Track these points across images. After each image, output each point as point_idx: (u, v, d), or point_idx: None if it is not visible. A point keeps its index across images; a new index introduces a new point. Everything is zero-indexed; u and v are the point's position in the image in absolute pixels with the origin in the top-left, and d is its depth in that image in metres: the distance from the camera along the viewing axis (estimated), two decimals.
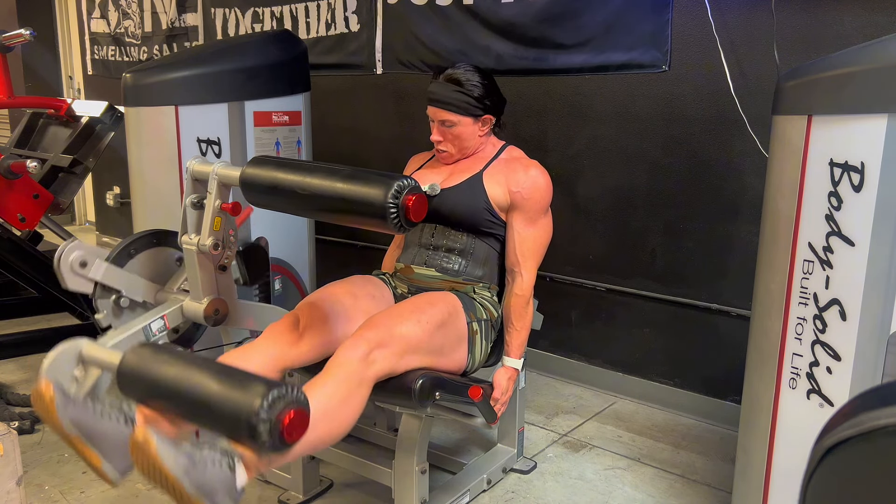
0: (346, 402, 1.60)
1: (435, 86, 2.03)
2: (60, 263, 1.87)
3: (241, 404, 1.27)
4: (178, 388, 1.37)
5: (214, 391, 1.32)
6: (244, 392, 1.29)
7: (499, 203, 2.00)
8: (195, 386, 1.35)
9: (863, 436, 0.59)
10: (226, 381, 1.34)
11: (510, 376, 1.97)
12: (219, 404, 1.31)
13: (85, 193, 5.97)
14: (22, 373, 3.06)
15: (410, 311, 1.79)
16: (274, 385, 1.29)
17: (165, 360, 1.42)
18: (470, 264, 2.03)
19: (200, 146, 2.31)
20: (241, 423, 1.27)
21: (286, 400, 1.28)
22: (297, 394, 1.31)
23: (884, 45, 1.44)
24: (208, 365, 1.41)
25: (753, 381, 1.69)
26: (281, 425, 1.27)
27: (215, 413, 1.32)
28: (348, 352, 1.66)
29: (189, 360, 1.43)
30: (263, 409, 1.25)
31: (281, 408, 1.27)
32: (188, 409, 1.37)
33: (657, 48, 2.60)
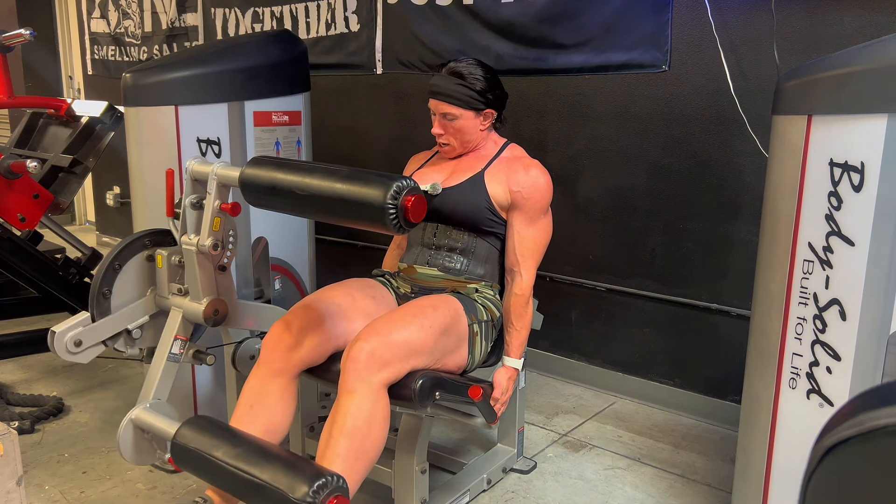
0: (369, 429, 1.66)
1: (437, 78, 2.02)
2: (59, 354, 1.87)
3: (287, 498, 1.44)
4: (228, 475, 1.55)
5: (261, 481, 1.49)
6: (289, 484, 1.46)
7: (500, 202, 2.00)
8: (243, 476, 1.53)
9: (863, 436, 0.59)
10: (271, 470, 1.50)
11: (510, 376, 1.97)
12: (266, 494, 1.48)
13: (85, 193, 5.98)
14: (22, 373, 3.06)
15: (413, 316, 1.79)
16: (317, 475, 1.46)
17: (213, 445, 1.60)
18: (472, 263, 2.03)
19: (200, 146, 2.31)
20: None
21: (328, 489, 1.45)
22: (337, 481, 1.48)
23: (884, 45, 1.44)
24: (251, 449, 1.58)
25: (753, 381, 1.69)
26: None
27: (265, 497, 1.49)
28: (351, 374, 1.68)
29: (234, 443, 1.60)
30: (309, 496, 1.43)
31: (325, 496, 1.44)
32: (239, 494, 1.56)
33: (657, 48, 2.61)
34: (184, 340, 1.93)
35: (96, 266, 2.98)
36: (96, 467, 2.32)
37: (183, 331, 1.93)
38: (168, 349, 1.91)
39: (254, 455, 1.55)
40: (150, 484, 2.23)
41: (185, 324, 1.93)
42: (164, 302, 1.97)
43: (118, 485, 2.23)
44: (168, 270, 1.95)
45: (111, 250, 1.97)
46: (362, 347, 1.69)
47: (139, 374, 3.03)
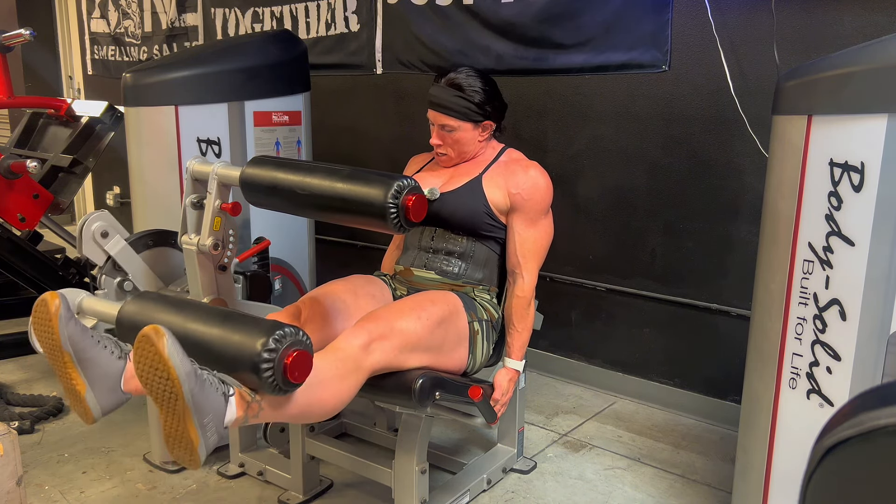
0: (340, 378, 1.59)
1: (436, 89, 2.03)
2: (83, 228, 1.89)
3: (248, 339, 1.30)
4: (184, 327, 1.38)
5: (222, 329, 1.34)
6: (251, 329, 1.32)
7: (498, 206, 2.00)
8: (201, 325, 1.37)
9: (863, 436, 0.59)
10: (232, 320, 1.36)
11: (511, 377, 1.97)
12: (226, 340, 1.33)
13: (85, 193, 5.97)
14: (22, 373, 3.06)
15: (411, 308, 1.80)
16: (281, 324, 1.32)
17: (168, 304, 1.44)
18: (470, 267, 2.03)
19: (200, 146, 2.31)
20: (247, 357, 1.29)
21: (292, 339, 1.32)
22: (303, 336, 1.34)
23: (884, 45, 1.44)
24: (212, 308, 1.44)
25: (753, 381, 1.69)
26: (285, 362, 1.30)
27: (222, 348, 1.34)
28: (349, 338, 1.66)
29: (192, 303, 1.45)
30: (269, 343, 1.29)
31: (287, 344, 1.31)
32: (193, 346, 1.36)
33: (657, 48, 2.60)
34: None
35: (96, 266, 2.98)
36: (96, 467, 2.32)
37: None
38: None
39: (205, 315, 1.40)
40: (150, 484, 2.23)
41: None
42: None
43: (118, 485, 2.23)
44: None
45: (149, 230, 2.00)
46: (365, 326, 1.70)
47: None
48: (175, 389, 1.25)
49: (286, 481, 2.18)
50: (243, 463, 2.29)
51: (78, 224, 1.92)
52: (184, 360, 1.27)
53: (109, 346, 1.44)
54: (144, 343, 1.26)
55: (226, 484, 2.24)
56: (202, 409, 1.29)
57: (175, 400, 1.26)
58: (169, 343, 1.25)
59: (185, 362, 1.26)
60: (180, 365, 1.25)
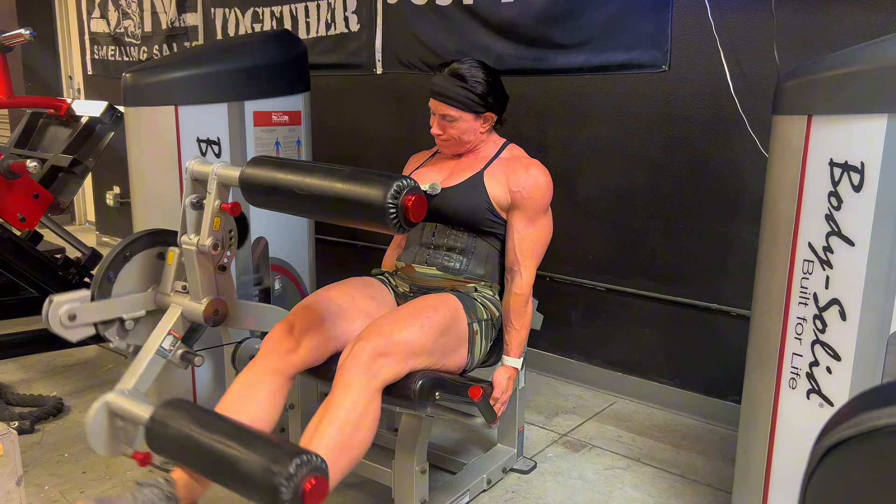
0: (359, 425, 1.64)
1: (438, 78, 2.02)
2: (51, 324, 1.85)
3: (267, 470, 1.37)
4: (206, 450, 1.46)
5: (241, 455, 1.42)
6: (269, 457, 1.38)
7: (499, 202, 2.00)
8: (222, 450, 1.45)
9: (863, 436, 0.59)
10: (252, 446, 1.43)
11: (510, 376, 1.97)
12: (244, 468, 1.41)
13: (85, 193, 5.98)
14: (22, 373, 3.06)
15: (413, 316, 1.79)
16: (298, 452, 1.39)
17: (192, 423, 1.52)
18: (471, 263, 2.03)
19: (200, 146, 2.31)
20: (265, 488, 1.36)
21: (309, 467, 1.38)
22: (319, 462, 1.41)
23: (884, 45, 1.44)
24: (233, 428, 1.51)
25: (753, 381, 1.69)
26: (303, 492, 1.36)
27: (241, 477, 1.41)
28: (351, 370, 1.67)
29: (215, 422, 1.53)
30: (287, 475, 1.35)
31: (303, 475, 1.37)
32: (215, 471, 1.47)
33: (657, 48, 2.61)
34: (176, 338, 1.92)
35: (96, 266, 2.98)
36: (96, 467, 2.32)
37: (179, 328, 1.92)
38: (159, 342, 1.89)
39: (233, 433, 1.48)
40: None
41: (183, 321, 1.93)
42: (165, 300, 1.97)
43: (118, 485, 2.22)
44: (176, 268, 1.95)
45: (124, 239, 1.98)
46: (364, 347, 1.69)
47: None
48: None
49: None
50: None
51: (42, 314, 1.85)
52: None
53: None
54: None
55: None
56: None
57: None
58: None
59: None
60: None
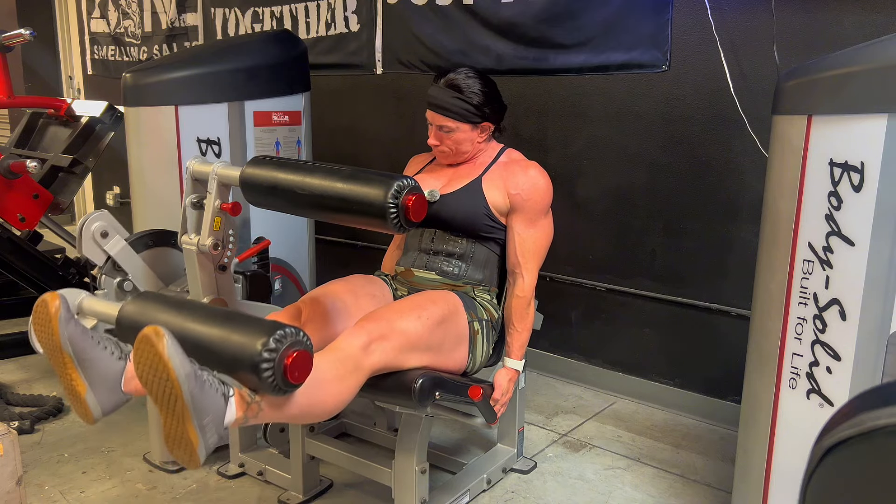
0: (340, 379, 1.59)
1: (435, 90, 2.02)
2: (83, 228, 1.88)
3: (248, 339, 1.30)
4: (183, 327, 1.37)
5: (222, 329, 1.34)
6: (252, 329, 1.32)
7: (498, 208, 2.00)
8: (201, 325, 1.37)
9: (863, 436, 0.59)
10: (232, 321, 1.36)
11: (511, 377, 1.97)
12: (225, 340, 1.33)
13: (85, 193, 5.97)
14: (22, 373, 3.06)
15: (411, 308, 1.80)
16: (281, 325, 1.32)
17: (168, 305, 1.44)
18: (470, 268, 2.03)
19: (200, 146, 2.31)
20: (247, 358, 1.29)
21: (292, 339, 1.31)
22: (303, 337, 1.34)
23: (884, 45, 1.44)
24: (212, 308, 1.44)
25: (753, 381, 1.69)
26: (285, 363, 1.30)
27: (222, 348, 1.34)
28: (349, 338, 1.66)
29: (193, 304, 1.45)
30: (270, 343, 1.28)
31: (287, 345, 1.30)
32: (193, 346, 1.35)
33: (657, 48, 2.60)
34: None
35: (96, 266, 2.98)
36: (96, 467, 2.32)
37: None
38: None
39: (206, 315, 1.40)
40: (150, 484, 2.23)
41: None
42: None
43: (118, 485, 2.23)
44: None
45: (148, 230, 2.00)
46: (365, 326, 1.70)
47: None
48: (175, 391, 1.25)
49: (286, 481, 2.18)
50: (243, 463, 2.29)
51: (78, 224, 1.91)
52: (183, 362, 1.27)
53: (110, 347, 1.44)
54: (144, 344, 1.25)
55: (226, 484, 2.24)
56: (202, 410, 1.29)
57: (175, 401, 1.26)
58: (169, 344, 1.25)
59: (184, 363, 1.26)
60: (180, 366, 1.25)
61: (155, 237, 2.01)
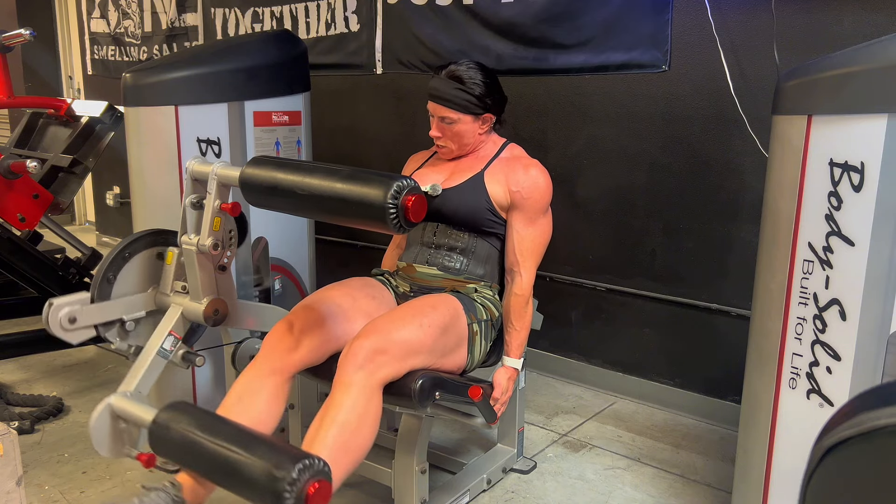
0: (360, 425, 1.64)
1: (436, 81, 2.02)
2: (52, 328, 1.86)
3: (270, 475, 1.38)
4: (209, 455, 1.47)
5: (244, 460, 1.43)
6: (272, 462, 1.39)
7: (499, 202, 2.00)
8: (225, 454, 1.46)
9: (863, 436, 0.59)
10: (255, 450, 1.44)
11: (510, 376, 1.97)
12: (248, 473, 1.42)
13: (85, 193, 5.98)
14: (22, 373, 3.06)
15: (412, 315, 1.79)
16: (301, 457, 1.39)
17: (194, 426, 1.53)
18: (472, 263, 2.03)
19: (200, 146, 2.31)
20: (269, 493, 1.37)
21: (311, 471, 1.39)
22: (321, 465, 1.42)
23: (884, 45, 1.44)
24: (235, 431, 1.52)
25: (753, 381, 1.69)
26: (306, 496, 1.37)
27: (245, 481, 1.42)
28: (349, 369, 1.67)
29: (217, 425, 1.54)
30: (290, 480, 1.36)
31: (306, 479, 1.38)
32: (219, 476, 1.48)
33: (657, 48, 2.61)
34: (177, 338, 1.92)
35: (96, 266, 2.98)
36: (96, 467, 2.32)
37: (179, 328, 1.93)
38: (160, 343, 1.90)
39: (237, 436, 1.48)
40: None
41: (183, 322, 1.93)
42: (165, 300, 1.97)
43: (118, 485, 2.23)
44: (176, 268, 1.95)
45: (124, 239, 1.98)
46: (362, 345, 1.68)
47: None
48: None
49: None
50: None
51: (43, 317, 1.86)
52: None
53: None
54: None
55: None
56: None
57: None
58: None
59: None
60: None
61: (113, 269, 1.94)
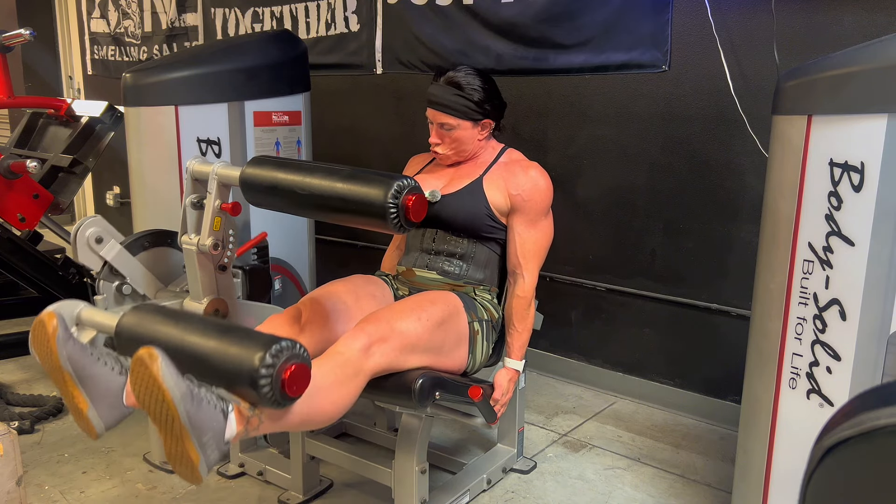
0: (340, 384, 1.59)
1: (435, 88, 2.02)
2: (77, 235, 1.88)
3: (245, 354, 1.30)
4: (181, 341, 1.37)
5: (219, 343, 1.34)
6: (248, 343, 1.31)
7: (499, 208, 2.00)
8: (198, 339, 1.36)
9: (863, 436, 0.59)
10: (229, 334, 1.36)
11: (511, 377, 1.97)
12: (223, 355, 1.32)
13: (85, 193, 5.97)
14: (22, 373, 3.06)
15: (411, 309, 1.80)
16: (278, 339, 1.32)
17: (166, 317, 1.44)
18: (471, 268, 2.03)
19: (200, 146, 2.31)
20: (244, 373, 1.29)
21: (289, 353, 1.31)
22: (300, 349, 1.34)
23: (884, 45, 1.44)
24: (209, 321, 1.44)
25: (753, 381, 1.69)
26: (283, 377, 1.30)
27: (219, 363, 1.33)
28: (349, 341, 1.66)
29: (190, 316, 1.46)
30: (267, 359, 1.28)
31: (284, 359, 1.30)
32: (190, 360, 1.36)
33: (657, 48, 2.60)
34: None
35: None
36: (96, 467, 2.32)
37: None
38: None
39: (203, 328, 1.40)
40: (150, 484, 2.23)
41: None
42: (167, 296, 1.97)
43: (118, 485, 2.23)
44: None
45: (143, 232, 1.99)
46: (363, 328, 1.69)
47: None
48: (171, 411, 1.26)
49: (286, 481, 2.18)
50: (243, 463, 2.29)
51: (72, 231, 1.91)
52: (178, 383, 1.27)
53: (110, 363, 1.45)
54: (139, 366, 1.26)
55: (226, 484, 2.24)
56: (200, 429, 1.29)
57: (172, 421, 1.27)
58: (163, 366, 1.25)
59: (179, 384, 1.27)
60: (175, 387, 1.26)
61: (152, 238, 2.01)
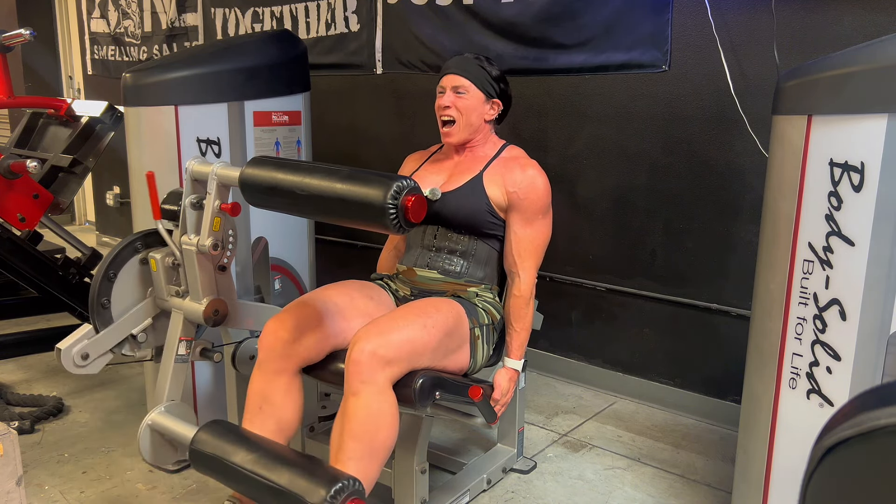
0: (379, 427, 1.67)
1: (454, 58, 2.08)
2: (68, 369, 1.89)
3: (307, 497, 1.47)
4: (246, 478, 1.58)
5: (282, 479, 1.53)
6: (307, 487, 1.48)
7: (498, 203, 2.00)
8: (260, 477, 1.55)
9: (863, 436, 0.59)
10: (293, 470, 1.54)
11: (510, 377, 1.97)
12: (286, 494, 1.50)
13: (85, 193, 5.98)
14: (22, 373, 3.06)
15: (416, 315, 1.79)
16: (334, 479, 1.49)
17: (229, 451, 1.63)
18: (472, 266, 2.03)
19: (200, 146, 2.31)
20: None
21: (345, 493, 1.47)
22: (354, 485, 1.50)
23: (884, 45, 1.44)
24: (273, 450, 1.62)
25: (753, 381, 1.69)
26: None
27: (283, 501, 1.51)
28: (354, 378, 1.67)
29: (254, 446, 1.63)
30: (327, 500, 1.46)
31: (342, 500, 1.47)
32: (258, 495, 1.57)
33: (657, 48, 2.61)
34: (189, 340, 1.93)
35: (96, 266, 2.98)
36: (96, 467, 2.32)
37: (186, 331, 1.93)
38: (174, 351, 1.92)
39: (270, 459, 1.58)
40: (150, 484, 2.23)
41: (188, 324, 1.93)
42: (164, 304, 1.97)
43: (118, 485, 2.23)
44: (164, 273, 1.95)
45: (103, 259, 1.97)
46: (363, 348, 1.68)
47: (139, 373, 3.03)
48: None
49: None
50: None
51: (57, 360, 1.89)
52: None
53: None
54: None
55: None
56: None
57: None
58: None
59: None
60: None
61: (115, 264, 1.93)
